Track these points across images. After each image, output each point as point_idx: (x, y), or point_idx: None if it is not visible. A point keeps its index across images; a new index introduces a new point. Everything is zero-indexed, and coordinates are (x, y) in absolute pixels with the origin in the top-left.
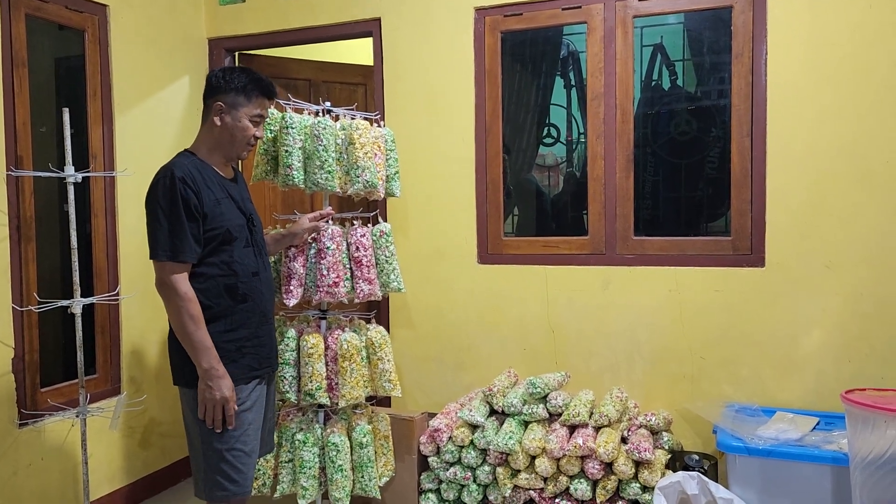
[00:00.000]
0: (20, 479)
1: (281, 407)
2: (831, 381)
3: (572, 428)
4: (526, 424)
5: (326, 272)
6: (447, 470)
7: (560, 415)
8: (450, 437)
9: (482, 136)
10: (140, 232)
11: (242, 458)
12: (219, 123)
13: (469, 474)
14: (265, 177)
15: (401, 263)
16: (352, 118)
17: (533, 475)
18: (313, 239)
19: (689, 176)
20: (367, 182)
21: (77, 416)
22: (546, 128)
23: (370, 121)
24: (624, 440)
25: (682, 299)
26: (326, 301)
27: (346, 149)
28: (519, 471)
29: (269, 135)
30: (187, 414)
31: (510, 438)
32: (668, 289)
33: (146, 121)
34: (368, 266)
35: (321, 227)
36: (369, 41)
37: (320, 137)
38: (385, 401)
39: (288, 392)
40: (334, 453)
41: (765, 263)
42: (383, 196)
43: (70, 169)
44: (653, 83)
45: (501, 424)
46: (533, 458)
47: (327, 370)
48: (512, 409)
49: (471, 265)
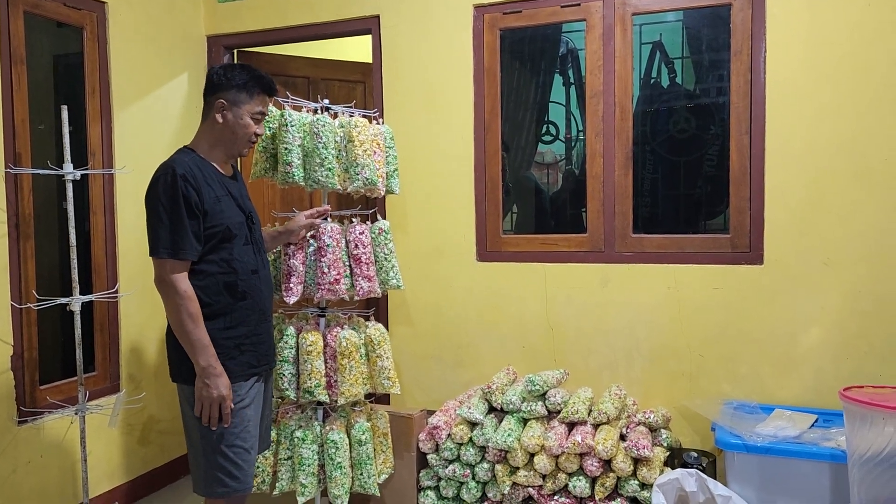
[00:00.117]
0: (19, 477)
1: (280, 404)
2: (830, 379)
3: (571, 425)
4: (525, 422)
5: (327, 269)
6: (446, 467)
7: (559, 412)
8: (449, 435)
9: (481, 134)
10: (139, 229)
11: (243, 455)
12: (220, 121)
13: (468, 471)
14: (264, 174)
15: (400, 261)
16: (350, 116)
17: (532, 472)
18: (312, 236)
19: (688, 173)
20: (367, 179)
21: (76, 414)
22: (545, 125)
23: (369, 118)
24: (622, 437)
25: (681, 297)
26: (327, 298)
27: (345, 146)
28: (518, 468)
29: (268, 132)
30: (186, 410)
31: (509, 436)
32: (667, 286)
33: (145, 118)
34: (367, 263)
35: (317, 224)
36: (368, 38)
37: (319, 135)
38: (384, 398)
39: (287, 389)
40: (333, 451)
41: (763, 261)
42: (383, 193)
43: (69, 166)
44: (652, 81)
45: (500, 422)
46: (532, 456)
47: (326, 368)
48: (511, 407)
49: (470, 263)
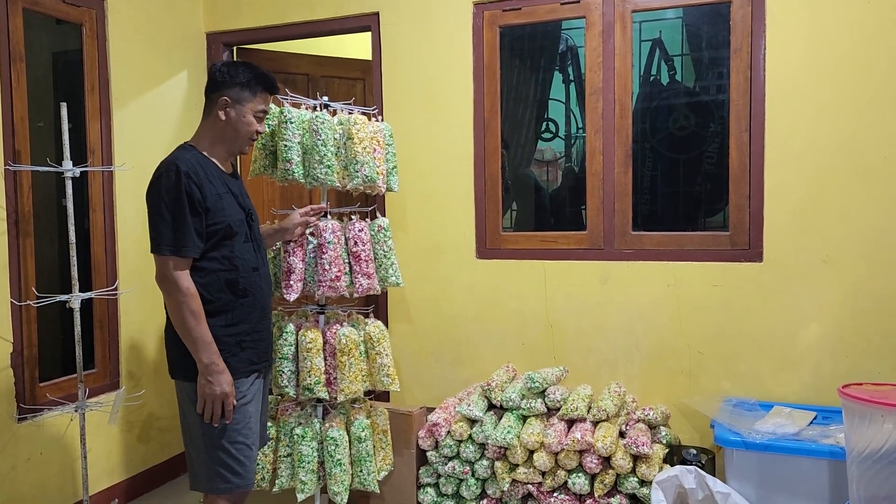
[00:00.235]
0: (19, 474)
1: (280, 401)
2: (828, 376)
3: (570, 422)
4: (524, 419)
5: (328, 266)
6: (445, 464)
7: (558, 409)
8: (448, 432)
9: (481, 131)
10: (138, 226)
11: (245, 451)
12: (223, 118)
13: (467, 468)
14: (263, 172)
15: (399, 258)
16: (350, 113)
17: (531, 469)
18: (311, 234)
19: (688, 171)
20: (366, 177)
21: (76, 411)
22: (544, 123)
23: (368, 115)
24: (622, 434)
25: (681, 294)
26: (328, 296)
27: (345, 144)
28: (517, 465)
29: (268, 129)
30: (186, 407)
31: (508, 433)
32: (667, 284)
33: (144, 115)
34: (367, 261)
35: (311, 222)
36: (368, 36)
37: (319, 132)
38: (383, 395)
39: (286, 387)
40: (333, 447)
41: (763, 258)
42: (383, 191)
43: (68, 164)
44: (651, 78)
45: (500, 419)
46: (531, 453)
47: (326, 365)
48: (510, 404)
49: (469, 260)
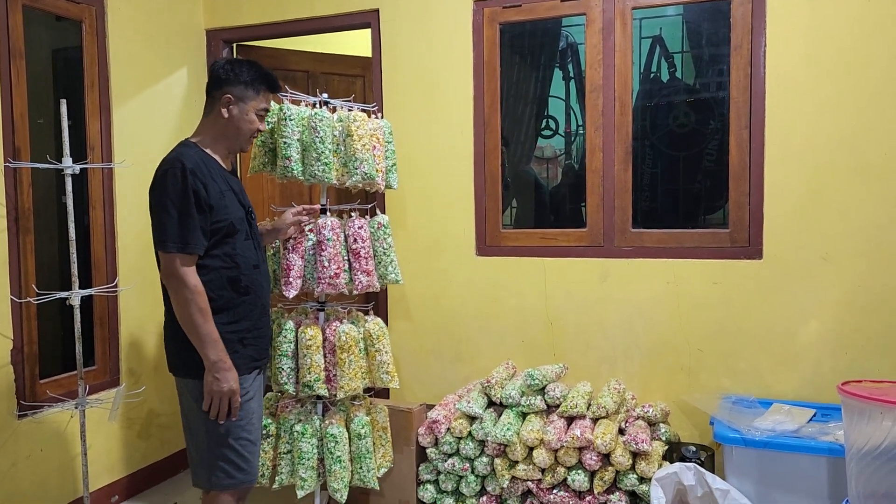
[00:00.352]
0: (20, 471)
1: (279, 398)
2: (828, 373)
3: (570, 419)
4: (524, 416)
5: (328, 263)
6: (445, 461)
7: (558, 406)
8: (448, 429)
9: (480, 128)
10: (138, 224)
11: (249, 447)
12: (226, 116)
13: (467, 465)
14: (262, 169)
15: (399, 255)
16: (349, 110)
17: (531, 466)
18: (310, 230)
19: (688, 168)
20: (365, 174)
21: (76, 408)
22: (544, 120)
23: (368, 112)
24: (621, 431)
25: (680, 291)
26: (327, 292)
27: (344, 141)
28: (517, 462)
29: (267, 126)
30: (188, 404)
31: (508, 430)
32: (666, 281)
33: (144, 112)
34: (366, 258)
35: (304, 221)
36: (368, 32)
37: (317, 129)
38: (383, 392)
39: (286, 384)
40: (333, 444)
41: (762, 256)
42: (382, 188)
43: (68, 160)
44: (651, 75)
45: (499, 416)
46: (531, 450)
47: (325, 362)
48: (510, 401)
49: (469, 257)
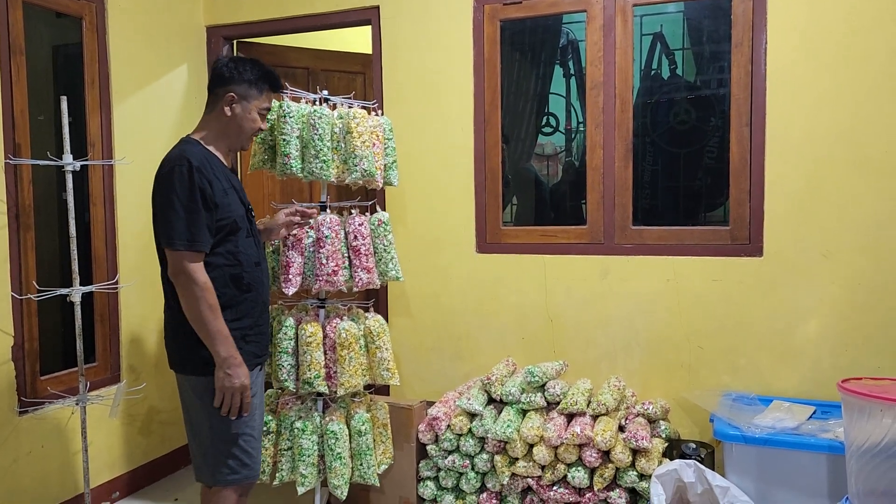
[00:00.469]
0: (20, 467)
1: (280, 395)
2: (828, 370)
3: (570, 416)
4: (524, 413)
5: (325, 261)
6: (445, 458)
7: (558, 403)
8: (448, 426)
9: (481, 125)
10: (139, 220)
11: (252, 443)
12: (229, 114)
13: (467, 462)
14: (262, 166)
15: (399, 252)
16: (350, 107)
17: (531, 463)
18: (310, 227)
19: (688, 165)
20: (365, 171)
21: (77, 404)
22: (545, 117)
23: (368, 109)
24: (621, 428)
25: (680, 289)
26: (325, 290)
27: (344, 138)
28: (517, 459)
29: (267, 123)
30: (191, 401)
31: (508, 427)
32: (667, 278)
33: (144, 109)
34: (367, 255)
35: (296, 223)
36: (368, 29)
37: (316, 126)
38: (383, 389)
39: (287, 380)
40: (333, 441)
41: (763, 253)
42: (381, 185)
43: (68, 157)
44: (652, 72)
45: (499, 413)
46: (531, 447)
47: (325, 359)
48: (510, 398)
49: (469, 254)
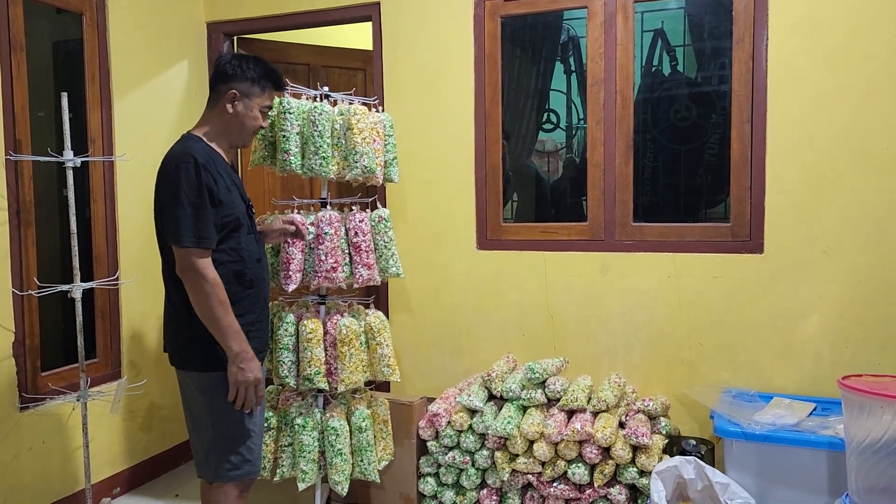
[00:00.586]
0: (22, 463)
1: (280, 391)
2: (828, 367)
3: (570, 413)
4: (524, 409)
5: (324, 257)
6: (446, 454)
7: (558, 400)
8: (448, 422)
9: (481, 122)
10: (140, 217)
11: (254, 439)
12: (230, 111)
13: (468, 458)
14: (263, 162)
15: (400, 249)
16: (350, 103)
17: (531, 459)
18: (311, 223)
19: (689, 162)
20: (365, 167)
21: (78, 400)
22: (546, 113)
23: (369, 106)
24: (622, 425)
25: (681, 285)
26: (325, 286)
27: (345, 134)
28: (517, 455)
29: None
30: (192, 397)
31: (508, 423)
32: (667, 275)
33: (145, 105)
34: (367, 251)
35: (289, 231)
36: (369, 26)
37: (316, 123)
38: (384, 385)
39: (287, 377)
40: (334, 437)
41: (763, 250)
42: (381, 182)
43: (69, 153)
44: (653, 69)
45: (500, 409)
46: (531, 443)
47: (326, 355)
48: (510, 395)
49: (470, 251)
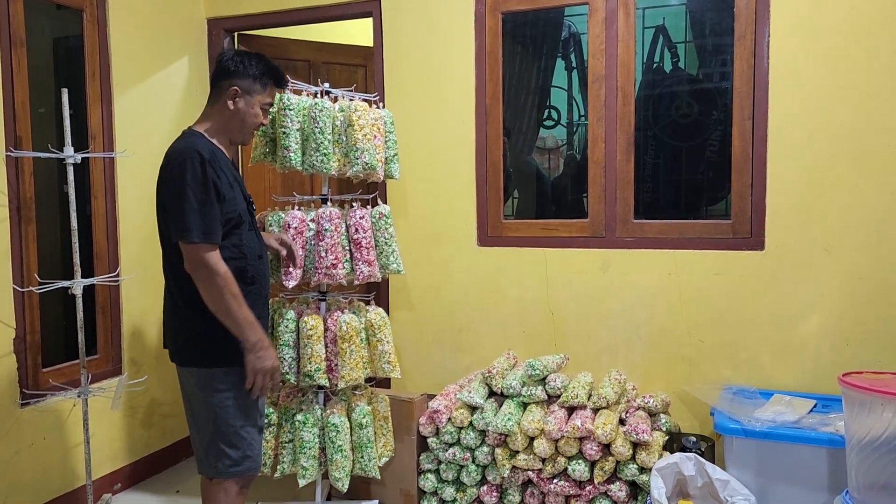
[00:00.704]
0: (22, 459)
1: (281, 388)
2: (828, 365)
3: (571, 409)
4: (525, 406)
5: (325, 254)
6: (446, 451)
7: (559, 396)
8: (449, 419)
9: (482, 119)
10: (140, 213)
11: (254, 435)
12: (232, 107)
13: (468, 455)
14: (263, 159)
15: (400, 245)
16: (350, 100)
17: (531, 456)
18: (311, 220)
19: (690, 159)
20: (366, 164)
21: (78, 396)
22: (546, 110)
23: (369, 102)
24: (622, 422)
25: (682, 282)
26: (325, 283)
27: (345, 131)
28: (517, 452)
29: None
30: (193, 393)
31: (509, 420)
32: (668, 272)
33: (145, 101)
34: (368, 248)
35: (286, 245)
36: (369, 22)
37: (317, 120)
38: (384, 382)
39: (288, 373)
40: (334, 434)
41: (764, 247)
42: (382, 178)
43: (69, 150)
44: (654, 65)
45: (500, 406)
46: (531, 440)
47: (326, 352)
48: (511, 391)
49: (470, 247)
